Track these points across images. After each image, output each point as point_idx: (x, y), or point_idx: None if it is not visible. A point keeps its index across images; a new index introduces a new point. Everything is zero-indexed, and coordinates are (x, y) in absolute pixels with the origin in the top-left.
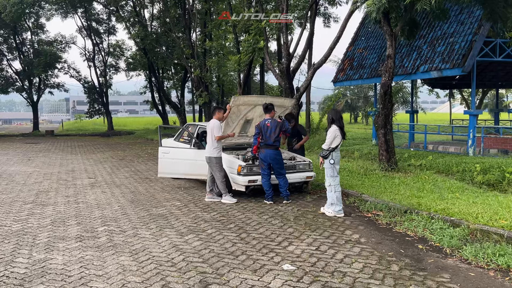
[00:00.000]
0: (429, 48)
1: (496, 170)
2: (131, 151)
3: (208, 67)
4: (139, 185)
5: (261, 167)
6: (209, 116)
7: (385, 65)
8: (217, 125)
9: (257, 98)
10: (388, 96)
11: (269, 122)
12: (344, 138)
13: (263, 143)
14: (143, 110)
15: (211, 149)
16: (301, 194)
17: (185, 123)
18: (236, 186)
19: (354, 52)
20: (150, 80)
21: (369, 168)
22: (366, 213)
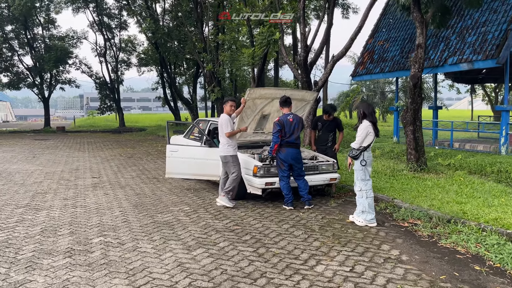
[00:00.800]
0: (458, 38)
1: None
2: (140, 148)
3: (220, 61)
4: (146, 186)
5: (280, 169)
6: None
7: (414, 55)
8: (226, 120)
9: (275, 90)
10: (418, 89)
11: (291, 117)
12: (377, 136)
13: (284, 141)
14: (156, 106)
15: (226, 147)
16: (324, 198)
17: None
18: (251, 189)
19: (375, 45)
20: (162, 76)
21: (396, 168)
22: (402, 222)
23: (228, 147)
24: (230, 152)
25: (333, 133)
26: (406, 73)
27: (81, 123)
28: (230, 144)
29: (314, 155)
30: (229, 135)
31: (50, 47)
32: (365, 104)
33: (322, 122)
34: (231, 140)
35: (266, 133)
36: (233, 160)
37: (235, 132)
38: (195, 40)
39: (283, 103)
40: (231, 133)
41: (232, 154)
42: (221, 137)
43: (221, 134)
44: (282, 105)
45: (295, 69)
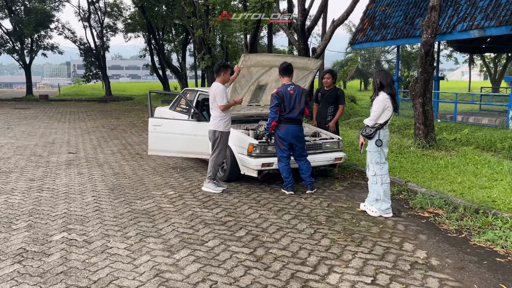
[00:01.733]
0: (468, 3)
1: None
2: (126, 119)
3: (211, 27)
4: (126, 163)
5: (278, 148)
6: (212, 81)
7: (427, 18)
8: (221, 90)
9: (274, 57)
10: (430, 57)
11: (292, 89)
12: (396, 111)
13: (284, 117)
14: (145, 75)
15: (217, 120)
16: (327, 179)
17: None
18: (246, 170)
19: (376, 10)
20: (149, 43)
21: (402, 144)
22: (420, 211)
23: (220, 121)
24: (220, 127)
25: (333, 105)
26: (410, 40)
27: (67, 91)
28: (223, 118)
29: (316, 131)
30: (224, 108)
31: (30, 10)
32: (383, 73)
33: (322, 93)
34: (224, 113)
35: (262, 105)
36: (221, 138)
37: (230, 105)
38: (183, 4)
39: (283, 71)
40: (226, 105)
41: (223, 130)
42: (213, 109)
43: (213, 106)
44: (282, 73)
45: (291, 35)
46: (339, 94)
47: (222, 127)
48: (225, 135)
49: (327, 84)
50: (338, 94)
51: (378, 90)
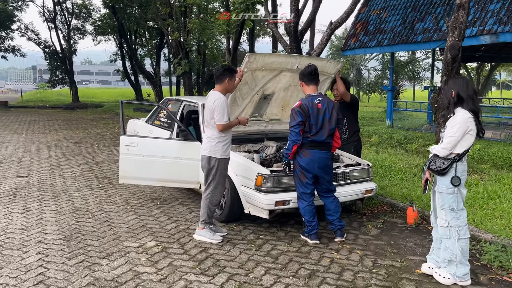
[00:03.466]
0: (477, 6)
1: None
2: (93, 129)
3: (188, 29)
4: (91, 193)
5: (299, 182)
6: (189, 89)
7: (453, 18)
8: (222, 104)
9: (286, 58)
10: (457, 63)
11: (319, 102)
12: (482, 135)
13: (309, 139)
14: (116, 81)
15: (214, 143)
16: (351, 216)
17: (162, 97)
18: (252, 209)
19: (369, 14)
20: (121, 46)
21: (415, 163)
22: (503, 272)
23: (218, 144)
24: (218, 152)
25: (345, 119)
26: (410, 47)
27: (30, 97)
28: (222, 140)
29: (336, 154)
30: (224, 127)
31: None
32: (461, 81)
33: None
34: (224, 134)
35: (266, 120)
36: (219, 167)
37: (232, 124)
38: (159, 5)
39: (308, 77)
40: (227, 125)
41: (221, 156)
42: (209, 128)
43: (210, 124)
44: (307, 79)
45: (282, 38)
46: (355, 104)
47: (220, 152)
48: (223, 163)
49: (338, 93)
50: (353, 104)
51: (453, 106)
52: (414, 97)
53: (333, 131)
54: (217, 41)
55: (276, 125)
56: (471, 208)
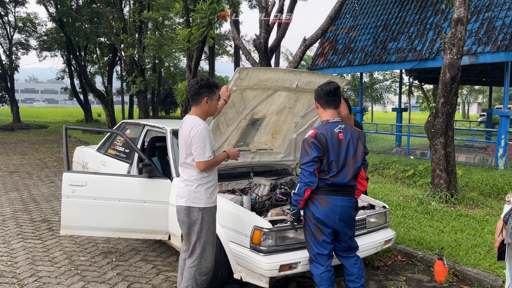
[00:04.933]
0: None
1: None
2: (34, 154)
3: (144, 45)
4: (23, 246)
5: (313, 239)
6: (144, 109)
7: (450, 34)
8: (202, 133)
9: (284, 74)
10: (456, 84)
11: (341, 131)
12: None
13: (327, 182)
14: (63, 99)
15: (193, 187)
16: None
17: (114, 118)
18: (245, 273)
19: (337, 33)
20: (69, 63)
21: (412, 196)
22: None
23: (199, 188)
24: (201, 200)
25: None
26: (383, 67)
27: None
28: (204, 182)
29: None
30: (207, 166)
31: None
32: None
33: None
34: (206, 174)
35: (253, 151)
36: (204, 221)
37: (218, 161)
38: (111, 19)
39: (325, 98)
40: (211, 162)
41: (205, 205)
42: (186, 167)
43: (187, 162)
44: (324, 101)
45: (249, 55)
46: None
47: (203, 199)
48: (210, 215)
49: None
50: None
51: None
52: (372, 119)
53: (359, 170)
54: (175, 58)
55: (265, 156)
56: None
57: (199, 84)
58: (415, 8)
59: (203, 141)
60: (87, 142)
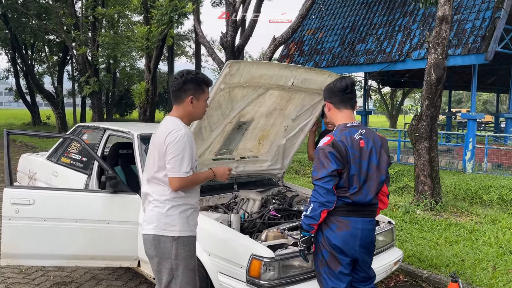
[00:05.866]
0: (422, 28)
1: None
2: None
3: (98, 43)
4: None
5: (327, 271)
6: (99, 112)
7: (435, 33)
8: (182, 141)
9: (279, 69)
10: (441, 86)
11: (362, 138)
12: None
13: (347, 200)
14: (8, 101)
15: (164, 210)
16: None
17: (65, 120)
18: None
19: (303, 34)
20: (14, 62)
21: (396, 204)
22: None
23: (172, 211)
24: (174, 228)
25: None
26: (351, 69)
27: None
28: (179, 204)
29: None
30: (183, 185)
31: None
32: None
33: None
34: (183, 195)
35: (236, 159)
36: (179, 254)
37: (201, 179)
38: (62, 15)
39: (340, 95)
40: (191, 180)
41: (181, 233)
42: (155, 182)
43: (157, 176)
44: (338, 99)
45: (215, 54)
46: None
47: (178, 225)
48: (187, 246)
49: (331, 122)
50: None
51: None
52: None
53: (383, 184)
54: (130, 58)
55: (250, 164)
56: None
57: (183, 77)
58: (382, 9)
59: (181, 151)
60: (35, 147)
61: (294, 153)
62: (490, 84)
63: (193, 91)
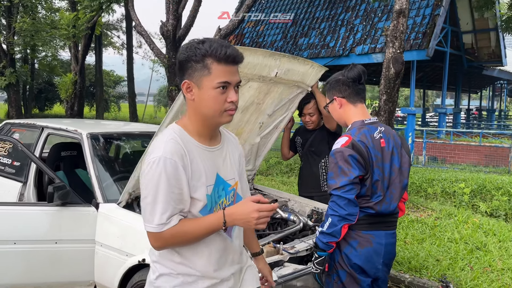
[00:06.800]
0: (364, 23)
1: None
2: None
3: (15, 30)
4: None
5: None
6: (16, 106)
7: (392, 26)
8: (157, 172)
9: (264, 58)
10: (399, 80)
11: (382, 136)
12: None
13: (369, 211)
14: None
15: (153, 275)
16: None
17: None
18: None
19: (243, 27)
20: None
21: None
22: None
23: (161, 281)
24: None
25: (326, 158)
26: None
27: None
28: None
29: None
30: (161, 242)
31: None
32: None
33: (304, 137)
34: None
35: None
36: None
37: (202, 228)
38: None
39: (354, 87)
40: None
41: None
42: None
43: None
44: (351, 92)
45: (154, 45)
46: (339, 134)
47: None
48: None
49: (311, 121)
50: (338, 135)
51: None
52: None
53: (405, 190)
54: (53, 47)
55: None
56: (455, 261)
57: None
58: (324, 3)
59: (151, 189)
60: None
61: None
62: (417, 80)
63: (190, 71)
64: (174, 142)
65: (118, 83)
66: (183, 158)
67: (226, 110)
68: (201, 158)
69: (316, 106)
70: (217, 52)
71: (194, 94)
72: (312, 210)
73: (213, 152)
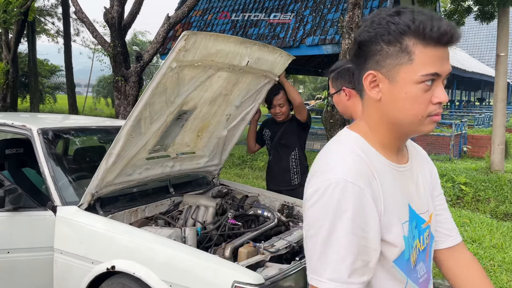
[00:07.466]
0: (314, 14)
1: None
2: None
3: None
4: None
5: None
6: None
7: (347, 18)
8: (329, 203)
9: (235, 46)
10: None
11: None
12: None
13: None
14: None
15: None
16: None
17: None
18: None
19: (191, 15)
20: None
21: None
22: None
23: None
24: None
25: (296, 150)
26: None
27: None
28: None
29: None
30: None
31: None
32: None
33: (273, 130)
34: None
35: (172, 156)
36: None
37: None
38: None
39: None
40: None
41: None
42: None
43: None
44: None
45: (98, 33)
46: (309, 125)
47: None
48: None
49: (282, 112)
50: (308, 126)
51: None
52: None
53: None
54: None
55: (186, 162)
56: None
57: (371, 27)
58: None
59: (321, 226)
60: None
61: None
62: None
63: (378, 57)
64: (356, 157)
65: (53, 73)
66: (371, 184)
67: (430, 115)
68: (392, 181)
69: (286, 96)
70: (425, 29)
71: (382, 90)
72: (283, 205)
73: (403, 173)
